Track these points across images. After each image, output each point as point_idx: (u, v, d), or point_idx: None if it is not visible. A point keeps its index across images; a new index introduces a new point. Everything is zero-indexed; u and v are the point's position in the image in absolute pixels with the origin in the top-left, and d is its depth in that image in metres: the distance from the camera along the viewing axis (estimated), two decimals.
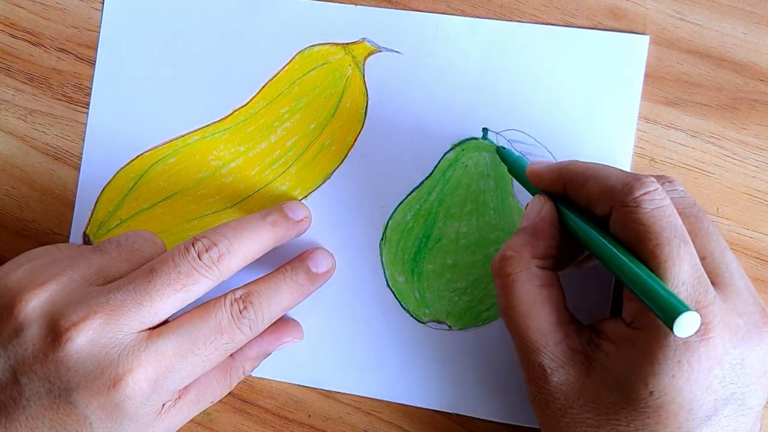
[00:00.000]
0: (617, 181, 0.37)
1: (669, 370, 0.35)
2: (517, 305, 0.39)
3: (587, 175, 0.38)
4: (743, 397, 0.36)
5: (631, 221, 0.36)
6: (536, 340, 0.38)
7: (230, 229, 0.42)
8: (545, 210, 0.40)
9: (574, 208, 0.40)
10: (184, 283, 0.40)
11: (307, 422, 0.47)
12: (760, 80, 0.44)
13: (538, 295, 0.38)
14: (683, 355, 0.34)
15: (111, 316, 0.39)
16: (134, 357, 0.38)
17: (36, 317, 0.39)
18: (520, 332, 0.39)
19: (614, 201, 0.37)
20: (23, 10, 0.50)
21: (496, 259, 0.40)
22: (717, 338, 0.35)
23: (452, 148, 0.46)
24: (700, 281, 0.35)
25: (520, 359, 0.40)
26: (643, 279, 0.34)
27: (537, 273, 0.39)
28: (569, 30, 0.46)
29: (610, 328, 0.38)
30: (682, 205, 0.38)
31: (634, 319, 0.36)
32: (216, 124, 0.48)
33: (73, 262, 0.42)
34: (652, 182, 0.36)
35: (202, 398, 0.43)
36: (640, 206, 0.36)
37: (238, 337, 0.41)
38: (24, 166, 0.50)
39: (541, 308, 0.38)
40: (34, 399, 0.38)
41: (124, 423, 0.39)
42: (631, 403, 0.36)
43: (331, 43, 0.48)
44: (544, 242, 0.39)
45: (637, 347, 0.36)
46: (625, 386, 0.36)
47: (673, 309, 0.32)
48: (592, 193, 0.38)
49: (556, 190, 0.40)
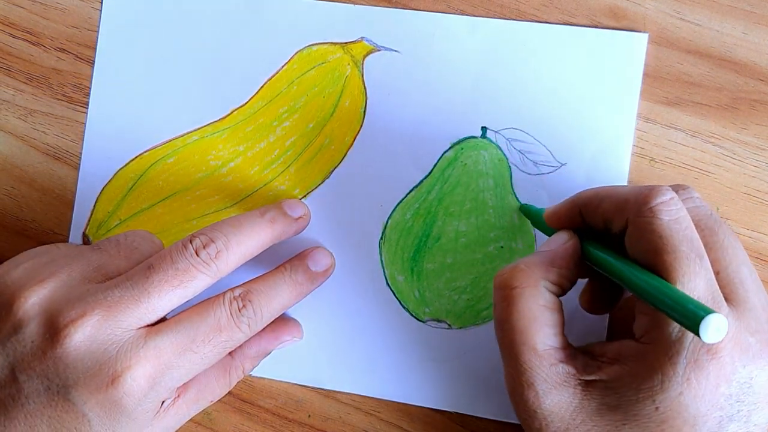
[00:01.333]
0: (632, 193, 0.37)
1: (677, 387, 0.34)
2: (517, 319, 0.37)
3: (601, 195, 0.38)
4: (749, 415, 0.35)
5: (647, 232, 0.35)
6: (529, 359, 0.37)
7: (228, 226, 0.42)
8: (570, 243, 0.39)
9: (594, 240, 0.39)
10: (181, 280, 0.40)
11: (307, 422, 0.47)
12: (760, 80, 0.44)
13: (539, 315, 0.37)
14: (692, 372, 0.34)
15: (109, 312, 0.39)
16: (132, 354, 0.38)
17: (35, 314, 0.39)
18: (514, 348, 0.37)
19: (630, 212, 0.36)
20: (23, 10, 0.50)
21: (505, 269, 0.39)
22: (727, 357, 0.34)
23: (451, 147, 0.46)
24: (714, 297, 0.35)
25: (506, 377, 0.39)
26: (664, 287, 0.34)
27: (544, 293, 0.38)
28: (568, 28, 0.46)
29: (612, 348, 0.37)
30: (698, 216, 0.38)
31: (644, 333, 0.36)
32: (215, 124, 0.48)
33: (73, 260, 0.42)
34: (667, 191, 0.36)
35: (201, 397, 0.43)
36: (656, 216, 0.35)
37: (237, 335, 0.41)
38: (24, 166, 0.50)
39: (540, 328, 0.37)
40: (33, 396, 0.38)
41: (122, 420, 0.39)
42: (633, 419, 0.35)
43: (329, 42, 0.48)
44: (560, 270, 0.39)
45: (646, 363, 0.35)
46: (630, 403, 0.35)
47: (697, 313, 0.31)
48: (608, 211, 0.37)
49: (574, 223, 0.40)
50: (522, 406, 0.38)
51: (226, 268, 0.41)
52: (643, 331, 0.36)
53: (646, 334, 0.36)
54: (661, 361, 0.35)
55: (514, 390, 0.38)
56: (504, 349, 0.38)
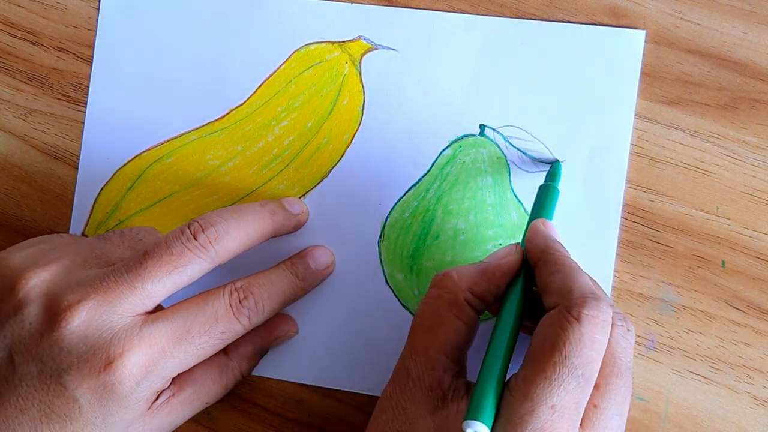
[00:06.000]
0: (580, 288, 0.36)
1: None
2: (426, 318, 0.39)
3: (561, 268, 0.38)
4: None
5: (560, 327, 0.35)
6: (418, 353, 0.38)
7: (228, 212, 0.42)
8: (509, 261, 0.39)
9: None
10: (176, 265, 0.40)
11: (307, 422, 0.47)
12: (760, 80, 0.44)
13: (448, 321, 0.38)
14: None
15: (105, 297, 0.39)
16: (127, 340, 0.39)
17: (35, 296, 0.39)
18: (412, 337, 0.39)
19: (562, 301, 0.36)
20: (23, 10, 0.51)
21: (440, 272, 0.40)
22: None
23: (450, 145, 0.46)
24: (570, 417, 0.34)
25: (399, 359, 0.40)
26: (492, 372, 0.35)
27: (461, 304, 0.39)
28: (565, 26, 0.46)
29: None
30: (620, 354, 0.37)
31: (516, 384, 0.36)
32: (213, 124, 0.48)
33: (76, 247, 0.42)
34: (606, 312, 0.36)
35: (197, 398, 0.43)
36: (579, 322, 0.35)
37: (235, 327, 0.41)
38: (24, 166, 0.50)
39: (442, 334, 0.38)
40: (26, 379, 0.38)
41: (113, 408, 0.39)
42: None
43: (327, 41, 0.48)
44: (487, 285, 0.39)
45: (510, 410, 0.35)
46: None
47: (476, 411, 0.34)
48: (552, 284, 0.37)
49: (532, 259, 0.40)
50: (393, 384, 0.39)
51: (224, 254, 0.41)
52: (515, 384, 0.36)
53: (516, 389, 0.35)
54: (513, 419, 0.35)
55: (396, 371, 0.39)
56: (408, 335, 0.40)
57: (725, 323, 0.44)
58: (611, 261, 0.45)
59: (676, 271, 0.44)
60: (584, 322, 0.35)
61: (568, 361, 0.34)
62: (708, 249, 0.44)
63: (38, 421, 0.38)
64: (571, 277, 0.37)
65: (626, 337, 0.38)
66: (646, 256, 0.44)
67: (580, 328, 0.35)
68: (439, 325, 0.38)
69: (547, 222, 0.41)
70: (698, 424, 0.44)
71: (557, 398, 0.34)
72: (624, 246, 0.45)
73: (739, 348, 0.44)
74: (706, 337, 0.44)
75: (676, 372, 0.44)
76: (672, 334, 0.44)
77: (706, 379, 0.44)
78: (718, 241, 0.44)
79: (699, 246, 0.44)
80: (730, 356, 0.44)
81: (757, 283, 0.44)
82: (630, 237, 0.45)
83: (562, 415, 0.34)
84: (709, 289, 0.44)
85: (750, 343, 0.43)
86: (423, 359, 0.38)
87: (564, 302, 0.36)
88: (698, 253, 0.44)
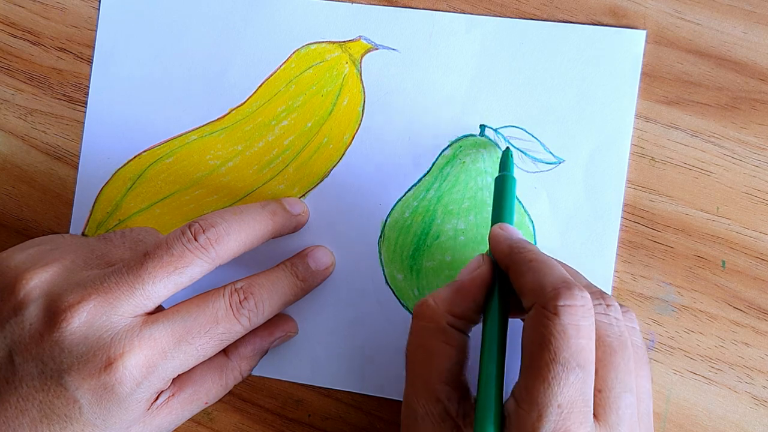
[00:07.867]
0: (550, 282, 0.36)
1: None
2: (416, 351, 0.39)
3: (529, 266, 0.37)
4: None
5: (542, 325, 0.35)
6: (418, 389, 0.38)
7: (229, 213, 0.42)
8: (479, 272, 0.39)
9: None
10: (176, 266, 0.40)
11: (307, 422, 0.47)
12: (760, 80, 0.44)
13: (437, 350, 0.38)
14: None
15: (105, 298, 0.39)
16: (127, 341, 0.39)
17: (36, 297, 0.39)
18: (408, 374, 0.39)
19: (538, 299, 0.36)
20: (23, 10, 0.51)
21: (419, 301, 0.39)
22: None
23: (450, 145, 0.46)
24: (580, 410, 0.34)
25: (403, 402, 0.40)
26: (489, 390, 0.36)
27: (446, 329, 0.38)
28: (565, 26, 0.46)
29: None
30: (606, 332, 0.37)
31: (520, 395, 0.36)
32: (213, 124, 0.48)
33: (77, 248, 0.42)
34: (582, 297, 0.35)
35: (196, 398, 0.43)
36: (558, 315, 0.35)
37: (236, 328, 0.41)
38: (24, 166, 0.50)
39: (435, 363, 0.38)
40: (27, 380, 0.38)
41: (113, 408, 0.39)
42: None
43: (327, 41, 0.48)
44: (465, 303, 0.39)
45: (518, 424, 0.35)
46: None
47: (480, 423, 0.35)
48: (524, 285, 0.37)
49: (502, 265, 0.39)
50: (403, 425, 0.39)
51: (224, 254, 0.41)
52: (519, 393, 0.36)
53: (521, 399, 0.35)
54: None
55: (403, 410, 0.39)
56: (405, 371, 0.39)
57: (725, 323, 0.44)
58: (611, 261, 0.45)
59: (676, 271, 0.44)
60: (563, 314, 0.35)
61: (559, 357, 0.34)
62: (708, 249, 0.44)
63: (38, 422, 0.38)
64: (540, 272, 0.37)
65: (607, 313, 0.37)
66: (646, 256, 0.45)
67: (560, 321, 0.35)
68: (431, 356, 0.38)
69: (504, 225, 0.41)
70: (698, 424, 0.44)
71: (561, 397, 0.34)
72: (624, 246, 0.45)
73: (739, 348, 0.44)
74: (706, 337, 0.44)
75: (676, 372, 0.44)
76: (672, 334, 0.44)
77: (706, 379, 0.44)
78: (718, 241, 0.44)
79: (699, 246, 0.44)
80: (730, 356, 0.44)
81: (757, 283, 0.44)
82: (630, 237, 0.45)
83: (571, 411, 0.34)
84: (709, 289, 0.44)
85: (750, 343, 0.44)
86: (425, 394, 0.38)
87: (539, 300, 0.36)
88: (698, 253, 0.44)
